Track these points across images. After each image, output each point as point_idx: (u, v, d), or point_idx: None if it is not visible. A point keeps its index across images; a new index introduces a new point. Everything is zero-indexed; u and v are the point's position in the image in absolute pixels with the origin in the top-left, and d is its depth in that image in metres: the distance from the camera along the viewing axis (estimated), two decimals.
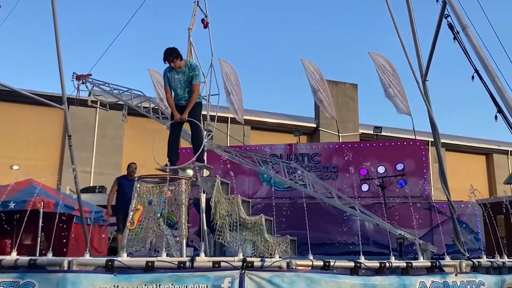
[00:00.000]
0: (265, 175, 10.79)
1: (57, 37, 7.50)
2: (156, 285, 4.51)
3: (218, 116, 8.82)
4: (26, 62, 47.01)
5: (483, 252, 7.01)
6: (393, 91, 16.84)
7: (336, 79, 24.89)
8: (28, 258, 4.84)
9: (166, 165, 6.83)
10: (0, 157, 18.94)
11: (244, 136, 20.27)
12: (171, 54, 6.98)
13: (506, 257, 6.75)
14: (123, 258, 4.86)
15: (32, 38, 44.82)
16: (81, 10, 45.16)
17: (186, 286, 4.52)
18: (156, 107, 8.79)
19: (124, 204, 8.22)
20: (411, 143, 12.57)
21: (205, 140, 8.17)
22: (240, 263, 4.72)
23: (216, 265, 4.76)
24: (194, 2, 8.59)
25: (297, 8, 55.86)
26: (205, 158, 8.10)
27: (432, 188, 12.09)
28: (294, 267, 4.90)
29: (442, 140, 11.15)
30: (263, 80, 53.82)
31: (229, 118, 20.67)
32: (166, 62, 7.02)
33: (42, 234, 9.21)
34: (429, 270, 5.61)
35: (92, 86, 8.86)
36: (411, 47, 8.13)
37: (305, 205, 6.50)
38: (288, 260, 5.01)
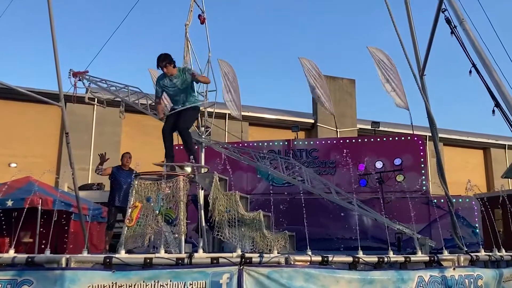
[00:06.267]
0: (263, 171, 10.79)
1: (53, 34, 7.46)
2: (154, 281, 4.51)
3: (216, 112, 8.80)
4: (23, 59, 46.84)
5: (481, 246, 7.03)
6: (391, 85, 16.85)
7: (334, 74, 24.90)
8: (26, 255, 4.83)
9: (163, 161, 6.84)
10: None
11: (242, 132, 20.24)
12: (164, 60, 6.95)
13: (503, 250, 6.77)
14: (121, 255, 4.86)
15: (28, 35, 44.64)
16: (77, 7, 44.97)
17: (185, 283, 4.52)
18: (154, 104, 8.75)
19: (119, 196, 8.13)
20: (409, 138, 12.54)
21: (203, 137, 8.17)
22: (239, 259, 4.72)
23: (215, 261, 4.76)
24: None
25: (294, 3, 55.74)
26: (202, 156, 8.10)
27: (430, 182, 12.09)
28: (292, 263, 4.90)
29: (440, 135, 11.17)
30: (261, 76, 53.77)
31: (227, 115, 20.62)
32: (159, 68, 7.01)
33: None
34: (427, 265, 5.62)
35: (89, 83, 8.80)
36: (409, 42, 8.13)
37: (303, 200, 6.49)
38: (286, 255, 5.01)
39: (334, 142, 12.95)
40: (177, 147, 10.86)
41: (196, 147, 8.32)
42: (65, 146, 13.97)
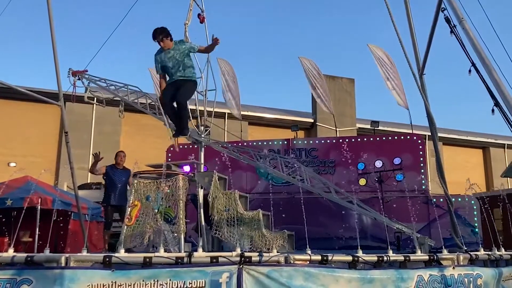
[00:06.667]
0: (262, 170, 10.79)
1: (53, 34, 7.46)
2: (154, 280, 4.49)
3: (215, 111, 8.80)
4: (23, 59, 46.81)
5: (480, 245, 7.02)
6: (391, 84, 16.87)
7: (333, 73, 24.89)
8: (25, 255, 4.82)
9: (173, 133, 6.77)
10: None
11: (241, 131, 20.24)
12: (160, 33, 6.71)
13: (503, 250, 6.77)
14: (121, 254, 4.85)
15: (28, 35, 44.60)
16: (77, 7, 44.93)
17: (184, 282, 4.51)
18: (153, 103, 8.75)
19: (114, 195, 8.08)
20: (408, 137, 12.56)
21: (203, 136, 8.17)
22: (238, 258, 4.71)
23: (214, 260, 4.75)
24: None
25: (294, 2, 55.72)
26: (202, 156, 8.09)
27: (429, 182, 12.10)
28: (292, 262, 4.89)
29: (439, 134, 11.16)
30: (261, 75, 53.75)
31: (227, 114, 20.64)
32: (156, 41, 6.76)
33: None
34: (427, 264, 5.61)
35: (88, 82, 8.79)
36: (408, 41, 8.13)
37: (302, 199, 6.50)
38: (286, 254, 5.00)
39: (334, 141, 12.96)
40: (180, 146, 10.91)
41: (195, 146, 8.33)
42: (64, 145, 13.97)
